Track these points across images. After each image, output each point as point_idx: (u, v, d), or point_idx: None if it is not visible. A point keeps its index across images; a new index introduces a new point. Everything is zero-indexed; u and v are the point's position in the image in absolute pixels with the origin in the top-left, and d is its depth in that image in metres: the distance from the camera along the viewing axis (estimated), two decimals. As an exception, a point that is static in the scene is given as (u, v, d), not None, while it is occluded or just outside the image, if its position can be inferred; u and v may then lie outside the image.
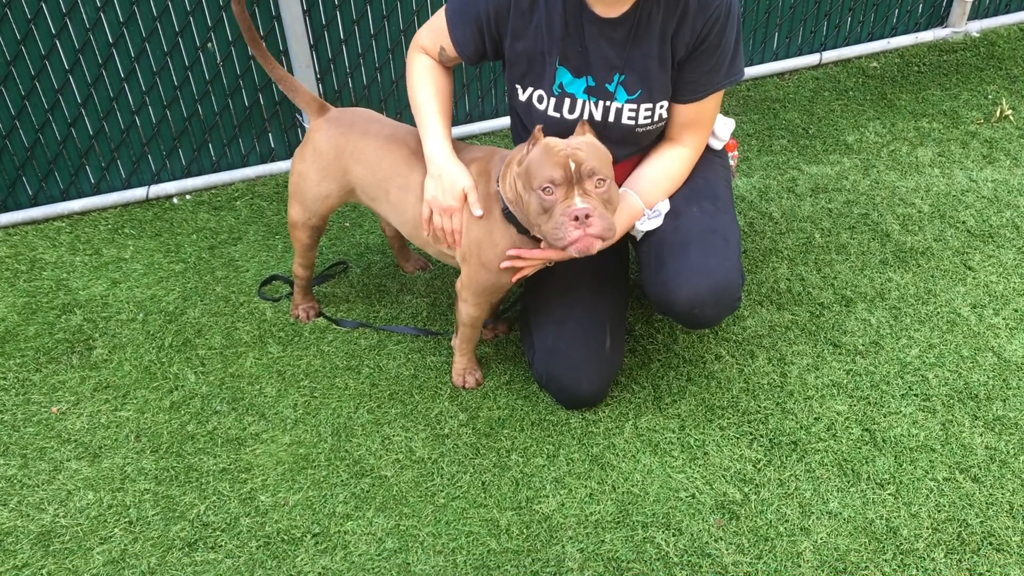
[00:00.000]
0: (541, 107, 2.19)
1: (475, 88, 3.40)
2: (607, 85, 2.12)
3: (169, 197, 3.17)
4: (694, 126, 2.21)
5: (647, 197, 2.20)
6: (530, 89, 2.19)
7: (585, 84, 2.13)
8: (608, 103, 2.14)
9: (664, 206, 2.22)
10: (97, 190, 3.12)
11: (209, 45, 2.98)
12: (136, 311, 2.71)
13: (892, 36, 3.87)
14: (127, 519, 2.15)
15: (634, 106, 2.14)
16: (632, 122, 2.16)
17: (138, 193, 3.14)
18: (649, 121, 2.17)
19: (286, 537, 2.11)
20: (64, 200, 3.10)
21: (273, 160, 3.29)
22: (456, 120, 3.43)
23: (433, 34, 2.25)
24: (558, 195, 1.94)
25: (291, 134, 3.26)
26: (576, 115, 2.16)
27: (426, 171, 2.22)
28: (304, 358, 2.55)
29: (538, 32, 2.10)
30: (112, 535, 2.11)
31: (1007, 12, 4.01)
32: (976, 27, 3.94)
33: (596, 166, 1.96)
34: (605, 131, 2.18)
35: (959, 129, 3.41)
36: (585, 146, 1.98)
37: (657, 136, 2.26)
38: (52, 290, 2.79)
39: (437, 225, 2.21)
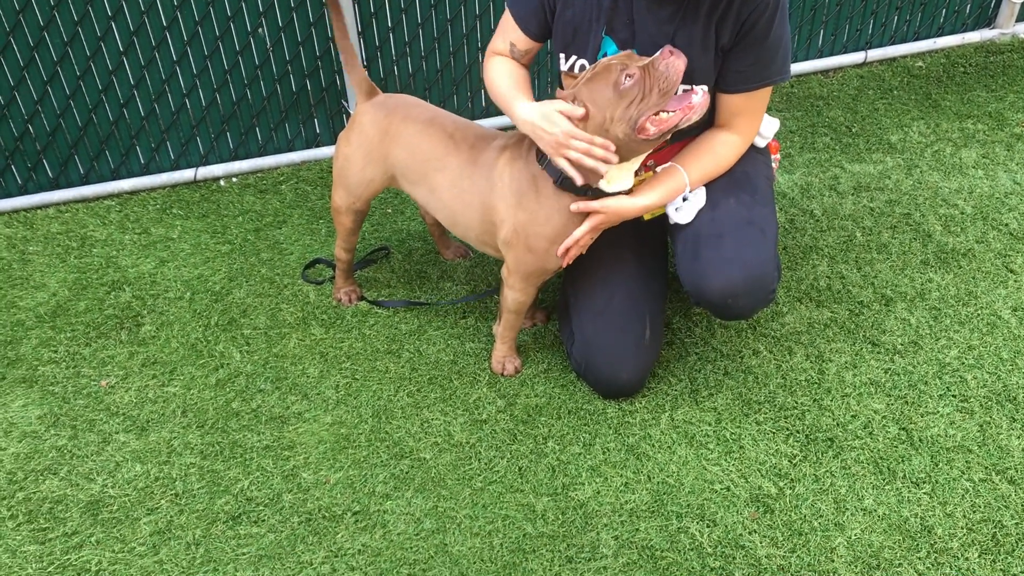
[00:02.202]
0: None
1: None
2: None
3: (216, 179, 3.23)
4: (744, 115, 2.23)
5: (692, 175, 2.22)
6: (574, 57, 2.21)
7: None
8: None
9: (700, 200, 2.23)
10: (147, 170, 3.19)
11: (260, 31, 3.02)
12: (183, 290, 2.77)
13: (939, 36, 3.84)
14: (173, 491, 2.21)
15: None
16: None
17: (186, 175, 3.20)
18: None
19: (327, 514, 2.16)
20: (114, 179, 3.16)
21: (318, 145, 3.34)
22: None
23: (502, 33, 2.29)
24: (637, 72, 2.00)
25: (336, 120, 3.31)
26: None
27: (461, 156, 2.28)
28: (346, 340, 2.60)
29: (588, 1, 2.13)
30: (159, 506, 2.17)
31: (1057, 14, 3.96)
32: (1025, 28, 3.90)
33: (635, 56, 2.05)
34: None
35: (1004, 131, 3.39)
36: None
37: (701, 124, 2.27)
38: (102, 267, 2.85)
39: (575, 157, 2.06)
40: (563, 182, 2.14)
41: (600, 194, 2.14)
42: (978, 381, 2.45)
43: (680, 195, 2.23)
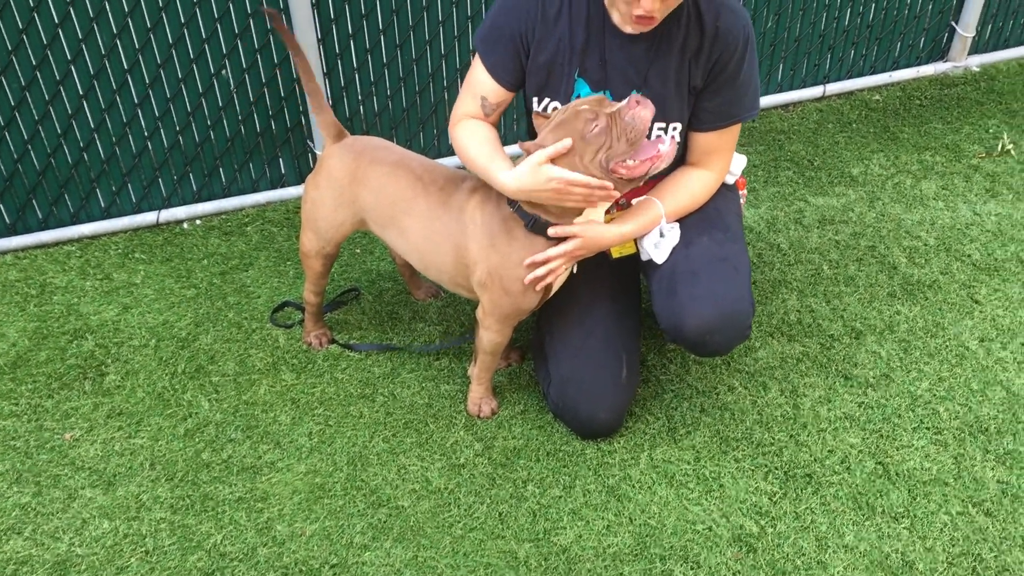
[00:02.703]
0: None
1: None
2: None
3: (180, 222, 3.18)
4: (716, 152, 2.25)
5: (667, 207, 2.23)
6: (547, 100, 2.21)
7: None
8: None
9: (675, 237, 2.24)
10: (108, 214, 3.13)
11: (223, 72, 2.99)
12: (148, 337, 2.71)
13: (894, 69, 3.92)
14: (143, 548, 2.14)
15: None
16: None
17: (148, 218, 3.14)
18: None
19: (304, 568, 2.10)
20: (74, 224, 3.09)
21: (284, 186, 3.30)
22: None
23: (469, 91, 2.26)
24: (603, 119, 1.99)
25: (302, 160, 3.28)
26: None
27: (431, 199, 2.26)
28: (318, 386, 2.55)
29: (561, 43, 2.13)
30: (128, 565, 2.10)
31: (1006, 47, 4.07)
32: (976, 61, 4.00)
33: (607, 101, 2.04)
34: None
35: (961, 163, 3.46)
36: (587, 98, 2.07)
37: (674, 161, 2.28)
38: (63, 315, 2.78)
39: (576, 202, 2.06)
40: (534, 226, 2.14)
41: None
42: (950, 413, 2.47)
43: (656, 226, 2.23)
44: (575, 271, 2.29)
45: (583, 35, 2.12)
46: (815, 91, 3.80)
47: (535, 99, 2.22)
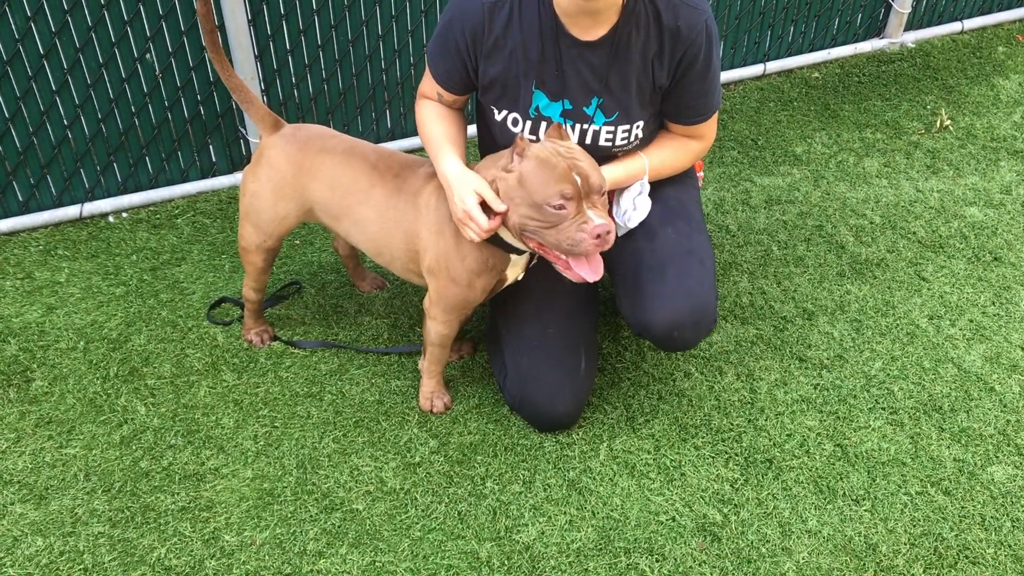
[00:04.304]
0: (516, 129, 2.14)
1: None
2: (585, 108, 2.08)
3: (104, 215, 3.01)
4: (703, 127, 2.22)
5: (652, 162, 2.19)
6: (505, 111, 2.13)
7: (562, 107, 2.08)
8: (586, 126, 2.10)
9: (646, 208, 2.17)
10: (26, 209, 2.94)
11: (148, 56, 2.82)
12: (76, 339, 2.55)
13: (832, 47, 3.92)
14: (82, 566, 2.01)
15: (611, 128, 2.10)
16: (609, 143, 2.12)
17: (71, 212, 2.96)
18: (626, 142, 2.14)
19: (256, 579, 2.00)
20: (-10, 220, 2.91)
21: (215, 175, 3.15)
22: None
23: (430, 80, 2.21)
24: (570, 209, 1.89)
25: (234, 148, 3.13)
26: None
27: (387, 186, 2.18)
28: (262, 386, 2.44)
29: (513, 56, 2.05)
30: (66, 585, 1.98)
31: (939, 23, 4.11)
32: (911, 38, 4.02)
33: (600, 181, 1.93)
34: None
35: (902, 139, 3.48)
36: (581, 156, 1.95)
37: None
38: (-18, 318, 2.61)
39: (467, 235, 2.04)
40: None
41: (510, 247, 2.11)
42: (904, 392, 2.48)
43: (639, 181, 2.17)
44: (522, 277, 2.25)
45: (537, 45, 2.03)
46: (756, 69, 3.77)
47: (493, 108, 2.15)
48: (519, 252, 2.11)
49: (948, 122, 3.53)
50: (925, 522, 2.16)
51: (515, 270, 2.19)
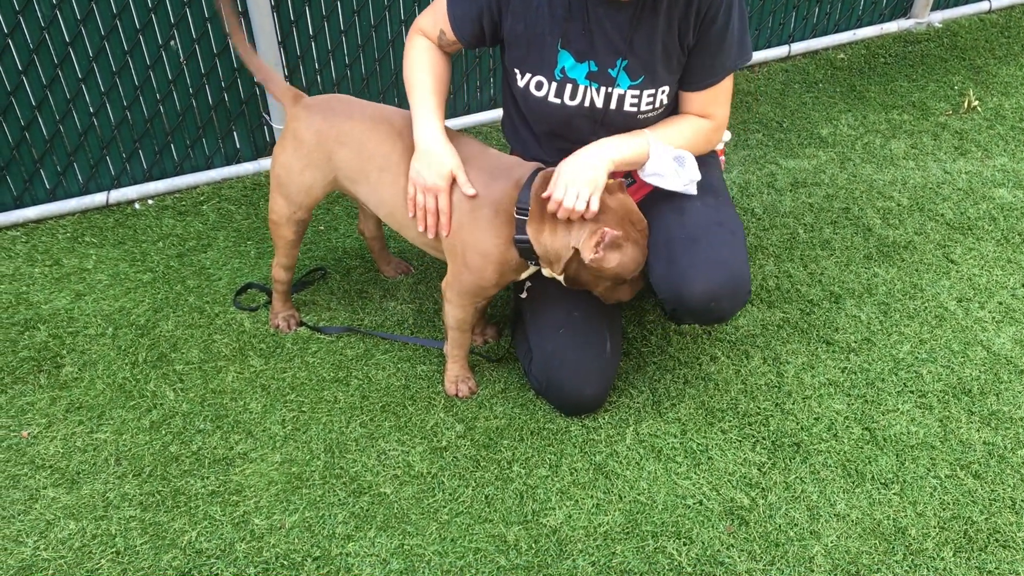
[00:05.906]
0: (540, 94, 2.12)
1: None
2: (610, 71, 2.07)
3: (131, 202, 3.03)
4: (714, 104, 2.18)
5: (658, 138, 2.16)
6: (529, 75, 2.12)
7: (587, 69, 2.07)
8: (610, 89, 2.09)
9: (693, 171, 2.14)
10: (53, 196, 2.96)
11: (172, 43, 2.83)
12: (105, 325, 2.57)
13: (858, 27, 3.88)
14: (114, 549, 2.03)
15: (636, 92, 2.09)
16: (634, 108, 2.11)
17: (97, 199, 2.98)
18: (651, 108, 2.12)
19: (285, 562, 2.02)
20: (18, 208, 2.93)
21: (239, 161, 3.16)
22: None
23: (434, 16, 2.17)
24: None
25: (257, 134, 3.14)
26: (577, 102, 2.11)
27: (408, 150, 2.16)
28: (288, 371, 2.45)
29: (540, 12, 2.04)
30: (99, 567, 2.00)
31: (967, 2, 4.05)
32: (938, 17, 3.97)
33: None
34: (606, 118, 2.13)
35: (929, 121, 3.44)
36: (634, 207, 2.08)
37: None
38: (12, 304, 2.63)
39: (420, 204, 2.12)
40: (524, 248, 2.11)
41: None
42: (933, 375, 2.46)
43: (642, 160, 2.13)
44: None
45: (564, 3, 2.02)
46: (780, 51, 3.74)
47: (517, 72, 2.13)
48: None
49: (976, 103, 3.49)
50: (955, 505, 2.15)
51: (531, 270, 2.19)
